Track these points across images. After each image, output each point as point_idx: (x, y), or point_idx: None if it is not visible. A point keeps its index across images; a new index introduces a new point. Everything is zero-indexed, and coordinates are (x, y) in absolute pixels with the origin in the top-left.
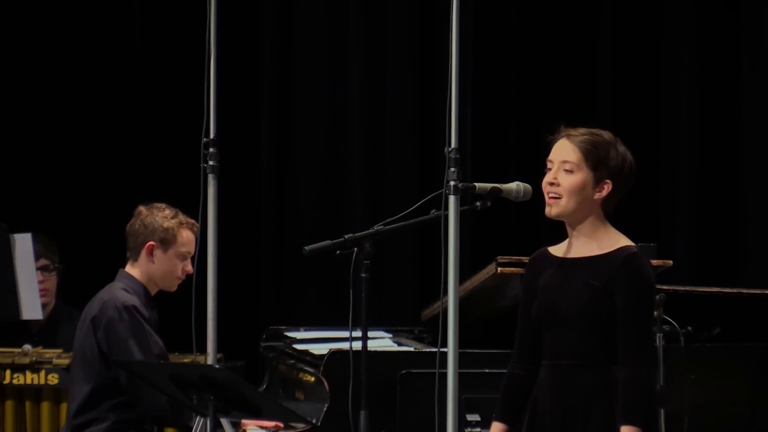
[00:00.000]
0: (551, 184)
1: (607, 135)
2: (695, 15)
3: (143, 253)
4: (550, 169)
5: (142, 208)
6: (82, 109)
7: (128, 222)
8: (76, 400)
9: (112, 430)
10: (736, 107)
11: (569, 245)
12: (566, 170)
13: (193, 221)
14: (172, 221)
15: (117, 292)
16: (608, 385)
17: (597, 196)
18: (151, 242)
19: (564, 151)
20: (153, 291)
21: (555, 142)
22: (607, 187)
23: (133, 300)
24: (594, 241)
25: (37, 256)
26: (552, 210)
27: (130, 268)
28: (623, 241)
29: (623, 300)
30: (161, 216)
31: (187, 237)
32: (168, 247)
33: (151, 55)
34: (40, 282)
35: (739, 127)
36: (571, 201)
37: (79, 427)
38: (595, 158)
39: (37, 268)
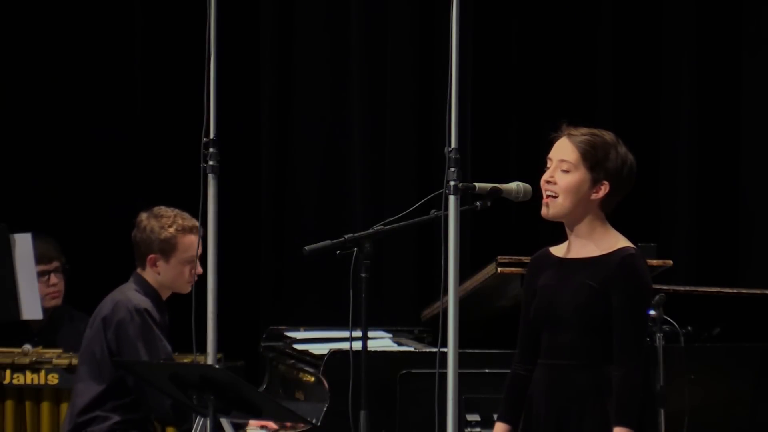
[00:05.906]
0: (548, 182)
1: (608, 136)
2: (695, 14)
3: (147, 264)
4: (549, 167)
5: (142, 217)
6: (83, 109)
7: (132, 226)
8: (82, 398)
9: (115, 430)
10: (736, 107)
11: (569, 246)
12: (563, 170)
13: (192, 224)
14: (170, 230)
15: (130, 293)
16: (603, 386)
17: (594, 196)
18: (152, 255)
19: (563, 150)
20: (165, 295)
21: (556, 140)
22: (605, 188)
23: (145, 303)
24: (592, 242)
25: (50, 259)
26: (548, 211)
27: (142, 272)
28: (622, 242)
29: (619, 301)
30: (158, 226)
31: (187, 242)
32: (170, 257)
33: (152, 55)
34: (54, 285)
35: (739, 127)
36: (567, 200)
37: (81, 424)
38: (593, 159)
39: (51, 271)
